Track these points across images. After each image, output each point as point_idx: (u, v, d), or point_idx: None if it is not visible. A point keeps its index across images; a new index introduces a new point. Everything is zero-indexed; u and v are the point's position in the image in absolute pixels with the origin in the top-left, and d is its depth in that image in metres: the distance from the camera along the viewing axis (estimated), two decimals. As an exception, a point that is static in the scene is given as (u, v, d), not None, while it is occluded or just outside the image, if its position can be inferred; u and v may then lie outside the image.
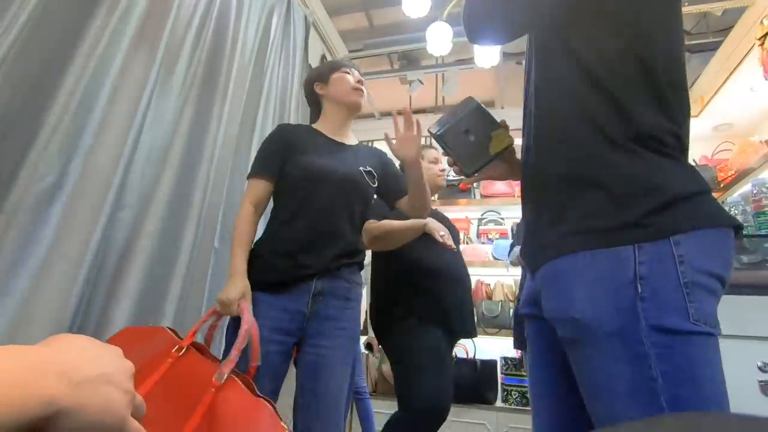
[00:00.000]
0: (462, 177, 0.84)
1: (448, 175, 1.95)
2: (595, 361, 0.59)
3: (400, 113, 1.19)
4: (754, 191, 1.62)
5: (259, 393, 0.85)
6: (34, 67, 1.00)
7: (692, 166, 0.64)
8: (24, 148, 0.98)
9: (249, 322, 0.99)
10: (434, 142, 0.92)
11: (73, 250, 1.02)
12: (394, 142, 1.19)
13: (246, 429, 0.78)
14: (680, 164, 0.62)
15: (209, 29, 1.53)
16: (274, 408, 0.81)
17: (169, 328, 1.00)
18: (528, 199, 0.77)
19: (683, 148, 0.64)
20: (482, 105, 0.84)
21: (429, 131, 0.85)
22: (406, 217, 1.48)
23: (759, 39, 1.81)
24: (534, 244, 0.72)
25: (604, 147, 0.62)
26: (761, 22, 1.80)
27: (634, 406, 0.55)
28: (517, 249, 2.02)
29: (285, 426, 0.80)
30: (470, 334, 1.66)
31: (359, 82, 1.32)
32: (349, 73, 1.33)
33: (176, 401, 0.82)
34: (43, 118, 1.00)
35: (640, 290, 0.56)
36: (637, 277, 0.57)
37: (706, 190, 0.61)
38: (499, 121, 0.83)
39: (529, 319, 0.81)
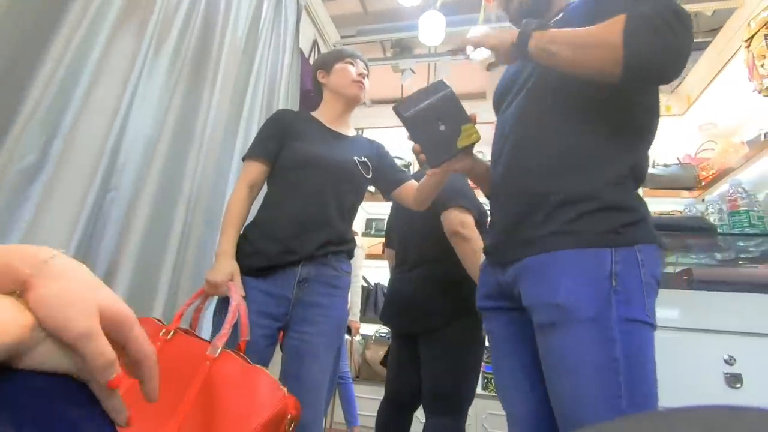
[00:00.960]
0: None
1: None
2: (570, 342, 0.68)
3: None
4: (731, 191, 1.66)
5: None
6: (14, 44, 0.98)
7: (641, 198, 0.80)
8: (3, 127, 0.96)
9: (238, 300, 1.02)
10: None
11: (56, 231, 1.01)
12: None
13: (246, 394, 0.81)
14: (637, 194, 0.79)
15: (199, 10, 1.50)
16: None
17: (157, 319, 1.01)
18: (510, 202, 0.81)
19: (640, 183, 0.81)
20: (455, 93, 0.80)
21: (395, 109, 0.79)
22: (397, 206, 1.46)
23: (746, 41, 1.83)
24: (514, 240, 0.79)
25: (602, 178, 0.75)
26: (748, 24, 1.82)
27: (598, 383, 0.66)
28: None
29: (284, 388, 0.82)
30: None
31: (361, 75, 1.31)
32: (352, 65, 1.32)
33: (169, 381, 0.83)
34: (23, 96, 0.98)
35: (614, 284, 0.68)
36: (612, 273, 0.69)
37: (649, 216, 0.77)
38: (469, 114, 0.80)
39: (493, 312, 0.87)
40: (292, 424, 0.82)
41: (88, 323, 0.29)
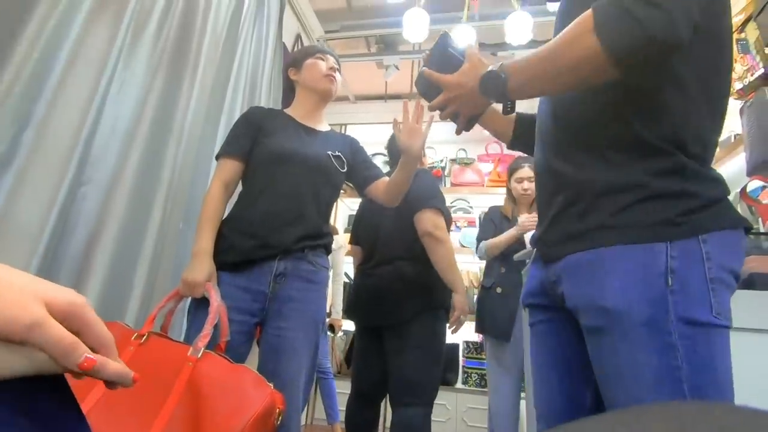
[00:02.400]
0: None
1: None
2: (622, 349, 0.61)
3: (411, 101, 1.17)
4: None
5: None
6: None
7: (717, 174, 0.66)
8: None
9: (218, 301, 1.02)
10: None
11: (26, 225, 0.98)
12: (400, 128, 1.17)
13: (232, 392, 0.82)
14: (708, 171, 0.66)
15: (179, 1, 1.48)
16: None
17: (124, 324, 1.01)
18: (549, 190, 0.75)
19: (708, 157, 0.68)
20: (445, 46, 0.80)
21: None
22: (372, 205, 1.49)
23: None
24: (556, 234, 0.72)
25: (648, 155, 0.64)
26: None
27: (658, 394, 0.58)
28: (484, 245, 2.05)
29: (270, 384, 0.85)
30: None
31: (331, 69, 1.32)
32: (322, 60, 1.32)
33: (150, 383, 0.83)
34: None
35: (670, 283, 0.60)
36: (668, 270, 0.60)
37: (727, 196, 0.65)
38: None
39: (534, 309, 0.82)
40: (280, 418, 0.85)
41: (33, 312, 0.27)
